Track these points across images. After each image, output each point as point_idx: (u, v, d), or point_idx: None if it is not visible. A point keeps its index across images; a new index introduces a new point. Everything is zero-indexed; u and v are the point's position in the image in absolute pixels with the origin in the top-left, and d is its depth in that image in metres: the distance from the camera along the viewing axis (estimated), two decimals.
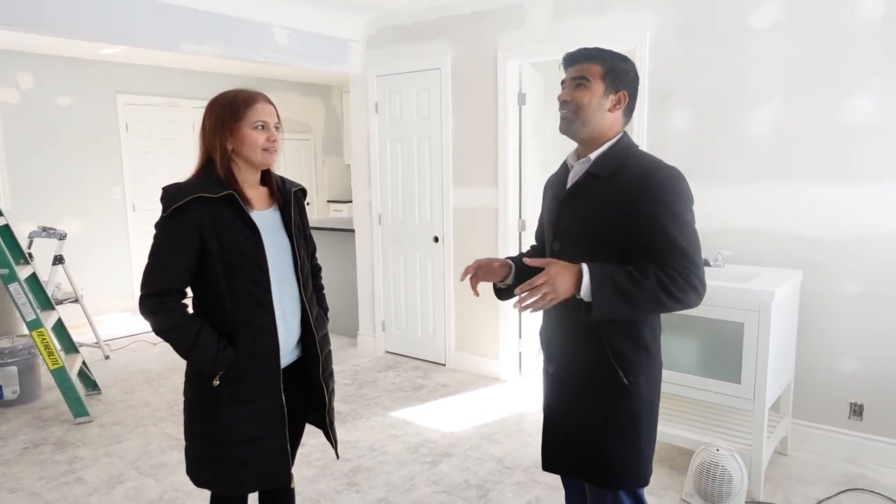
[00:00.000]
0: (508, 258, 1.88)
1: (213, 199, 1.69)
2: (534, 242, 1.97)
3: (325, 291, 2.08)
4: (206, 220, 1.68)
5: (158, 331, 1.70)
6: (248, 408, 1.76)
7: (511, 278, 1.83)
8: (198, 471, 1.82)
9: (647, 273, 1.48)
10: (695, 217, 1.57)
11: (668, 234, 1.50)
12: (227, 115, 1.73)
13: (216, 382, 1.72)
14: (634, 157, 1.61)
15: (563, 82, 1.67)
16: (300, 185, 1.94)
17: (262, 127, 1.74)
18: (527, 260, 1.61)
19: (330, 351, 1.99)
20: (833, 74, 2.94)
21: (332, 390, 1.98)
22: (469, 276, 1.80)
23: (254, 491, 1.87)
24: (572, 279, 1.49)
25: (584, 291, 1.49)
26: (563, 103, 1.64)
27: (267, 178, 1.86)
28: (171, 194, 1.69)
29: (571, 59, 1.64)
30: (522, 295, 1.50)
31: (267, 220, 1.80)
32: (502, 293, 1.87)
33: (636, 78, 1.66)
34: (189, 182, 1.74)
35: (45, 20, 3.13)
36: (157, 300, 1.68)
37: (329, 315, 2.07)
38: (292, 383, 1.89)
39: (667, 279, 1.48)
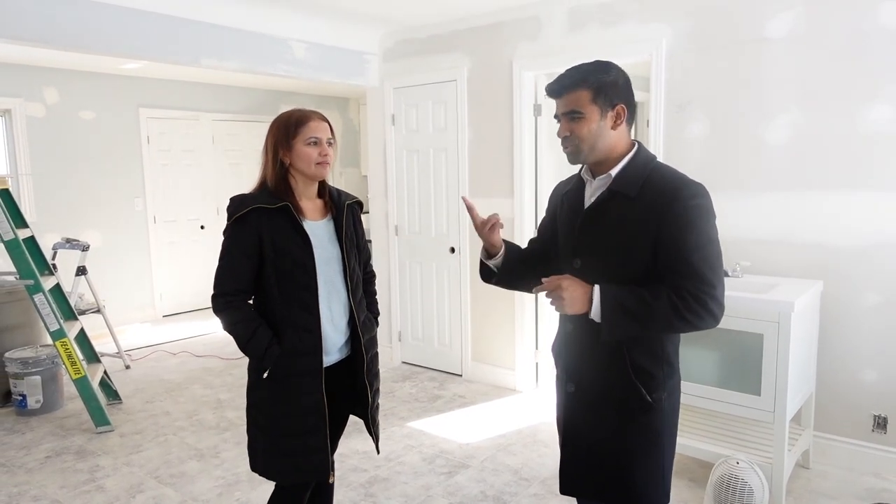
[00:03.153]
0: (504, 240, 1.85)
1: (270, 209, 1.86)
2: (534, 236, 1.95)
3: (377, 297, 2.23)
4: (265, 228, 1.86)
5: (224, 325, 1.91)
6: (292, 403, 1.91)
7: (499, 258, 1.81)
8: (252, 456, 1.99)
9: (660, 295, 1.48)
10: (717, 232, 1.55)
11: (687, 255, 1.48)
12: (284, 133, 1.90)
13: (265, 376, 1.88)
14: (657, 171, 1.58)
15: (556, 116, 1.63)
16: (356, 199, 2.09)
17: (315, 143, 1.90)
18: (536, 289, 1.64)
19: (376, 353, 2.13)
20: (851, 83, 2.92)
21: (377, 389, 2.13)
22: (475, 213, 1.81)
23: (295, 482, 1.99)
24: (585, 298, 1.53)
25: (595, 313, 1.53)
26: (565, 139, 1.60)
27: (322, 190, 2.02)
28: (235, 205, 1.88)
29: (555, 92, 1.60)
30: (540, 288, 1.58)
31: (320, 229, 1.96)
32: (486, 273, 1.85)
33: (626, 82, 1.60)
34: (251, 194, 1.92)
35: (70, 37, 3.21)
36: (224, 299, 1.88)
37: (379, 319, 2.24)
38: (339, 380, 2.04)
39: (679, 302, 1.46)
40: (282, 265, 1.87)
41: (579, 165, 1.73)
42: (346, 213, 2.01)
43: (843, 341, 3.05)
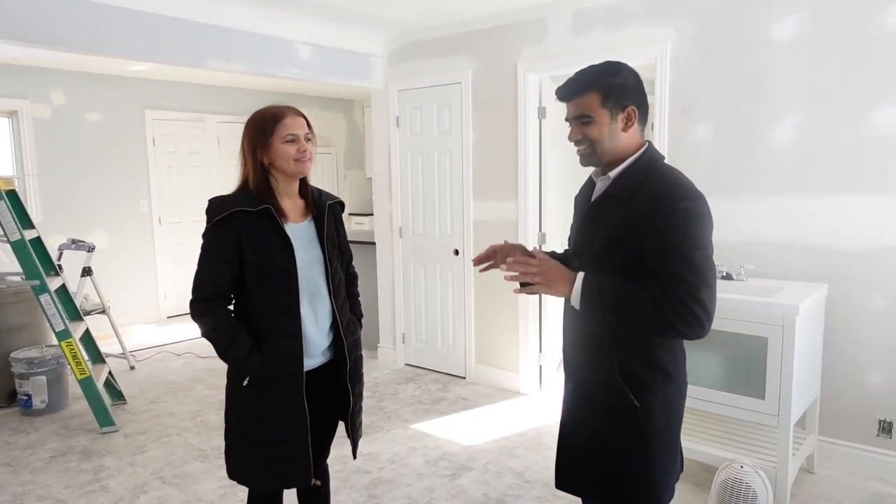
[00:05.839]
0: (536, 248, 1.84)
1: (251, 212, 1.81)
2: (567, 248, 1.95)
3: (359, 299, 2.19)
4: (245, 231, 1.81)
5: (202, 332, 1.85)
6: (272, 410, 1.87)
7: None
8: (229, 463, 1.97)
9: (644, 289, 1.45)
10: (710, 242, 1.49)
11: (671, 258, 1.44)
12: (261, 132, 1.85)
13: (245, 384, 1.85)
14: (655, 175, 1.54)
15: (567, 119, 1.62)
16: (337, 199, 2.06)
17: (293, 140, 1.86)
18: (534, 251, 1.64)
19: (360, 356, 2.08)
20: (857, 85, 2.91)
21: (360, 393, 2.09)
22: (484, 264, 1.81)
23: (274, 490, 1.97)
24: (566, 279, 1.54)
25: (574, 298, 1.53)
26: (577, 142, 1.60)
27: (304, 190, 1.98)
28: (214, 207, 1.82)
29: (565, 96, 1.59)
30: (511, 262, 1.56)
31: (301, 231, 1.92)
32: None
33: (637, 83, 1.57)
34: (231, 196, 1.87)
35: (78, 39, 3.23)
36: (202, 305, 1.83)
37: (363, 322, 2.19)
38: (323, 384, 1.99)
39: (663, 299, 1.42)
40: (263, 269, 1.82)
41: (584, 169, 1.73)
42: (327, 213, 1.97)
43: (849, 345, 3.04)
